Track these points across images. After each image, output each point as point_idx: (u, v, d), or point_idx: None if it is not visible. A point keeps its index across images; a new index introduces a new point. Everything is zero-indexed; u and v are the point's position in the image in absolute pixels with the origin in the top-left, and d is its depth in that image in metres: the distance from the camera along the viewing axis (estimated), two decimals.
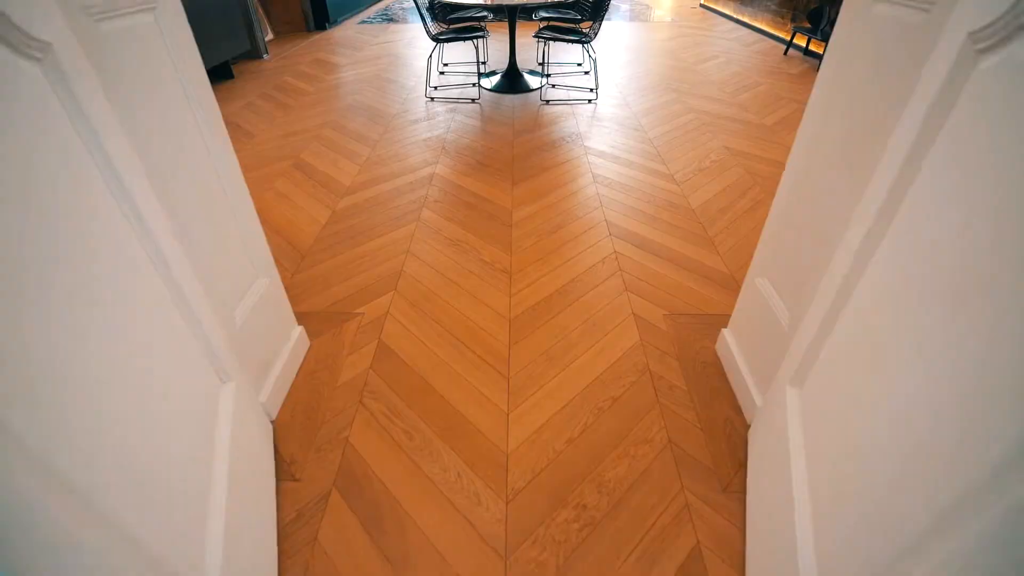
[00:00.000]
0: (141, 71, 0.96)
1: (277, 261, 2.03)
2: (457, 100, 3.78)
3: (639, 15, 7.36)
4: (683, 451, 1.31)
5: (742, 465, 1.28)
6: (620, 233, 2.19)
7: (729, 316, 1.63)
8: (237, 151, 3.12)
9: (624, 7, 8.02)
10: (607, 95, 3.90)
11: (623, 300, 1.82)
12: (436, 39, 3.59)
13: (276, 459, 1.31)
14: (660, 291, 1.86)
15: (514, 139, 3.11)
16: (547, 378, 1.53)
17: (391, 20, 7.05)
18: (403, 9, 7.83)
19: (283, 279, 1.92)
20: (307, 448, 1.33)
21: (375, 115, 3.56)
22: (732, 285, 1.89)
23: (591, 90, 3.94)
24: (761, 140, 3.10)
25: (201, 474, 0.91)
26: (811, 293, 1.04)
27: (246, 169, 2.81)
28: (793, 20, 5.45)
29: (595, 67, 3.79)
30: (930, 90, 0.71)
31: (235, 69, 4.80)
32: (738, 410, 1.42)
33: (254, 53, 5.14)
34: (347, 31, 6.40)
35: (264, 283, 1.40)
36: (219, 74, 4.53)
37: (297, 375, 1.55)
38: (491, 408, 1.44)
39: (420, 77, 4.32)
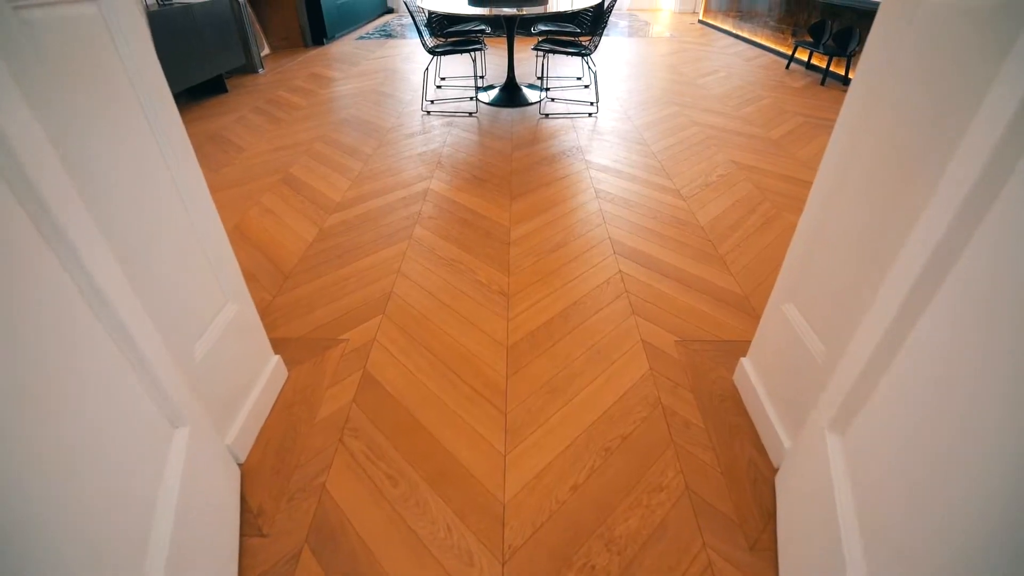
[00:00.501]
0: (79, 72, 0.83)
1: (257, 282, 1.89)
2: (454, 114, 3.69)
3: (638, 31, 7.35)
4: (703, 500, 1.16)
5: (771, 517, 1.12)
6: (625, 252, 2.06)
7: (747, 343, 1.49)
8: (225, 165, 3.02)
9: (623, 23, 8.02)
10: (608, 109, 3.81)
11: (630, 324, 1.68)
12: (433, 52, 3.51)
13: (242, 510, 1.16)
14: (670, 314, 1.72)
15: (512, 153, 3.00)
16: (548, 413, 1.38)
17: (389, 36, 7.02)
18: (402, 25, 7.81)
19: (263, 302, 1.79)
20: (278, 496, 1.18)
21: (369, 129, 3.45)
22: (747, 308, 1.75)
23: (591, 103, 3.85)
24: (768, 154, 2.99)
25: (137, 542, 0.76)
26: (851, 325, 0.90)
27: (232, 184, 2.69)
28: (794, 35, 5.41)
29: (595, 80, 3.70)
30: (1020, 84, 0.58)
31: (229, 83, 4.72)
32: (762, 450, 1.27)
33: (249, 67, 5.07)
34: (344, 46, 6.35)
35: (233, 310, 1.27)
36: (212, 88, 4.45)
37: (272, 410, 1.40)
38: (486, 449, 1.29)
39: (417, 91, 4.23)
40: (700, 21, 7.98)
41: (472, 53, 3.60)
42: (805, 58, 5.10)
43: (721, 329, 1.66)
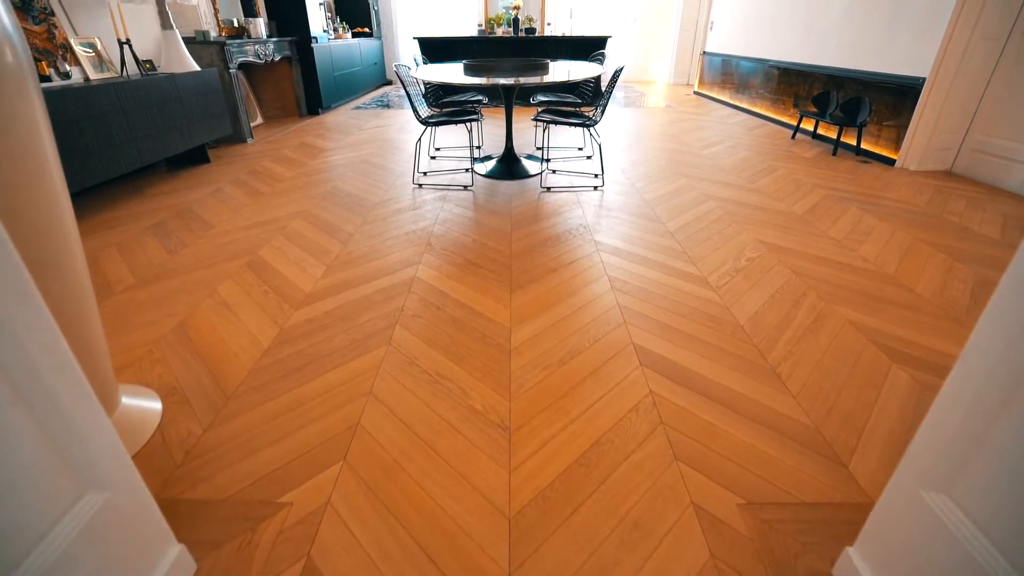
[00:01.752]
0: None
1: (188, 407, 1.47)
2: (448, 187, 3.41)
3: (633, 101, 7.36)
4: None
5: None
6: (654, 362, 1.66)
7: (836, 506, 1.07)
8: (186, 246, 2.67)
9: (618, 94, 8.08)
10: (613, 181, 3.55)
11: (674, 476, 1.25)
12: (425, 122, 3.27)
13: None
14: (723, 459, 1.30)
15: (512, 232, 2.67)
16: None
17: (387, 106, 6.98)
18: (399, 96, 7.84)
19: (189, 439, 1.35)
20: None
21: (355, 204, 3.15)
22: (823, 448, 1.33)
23: (596, 175, 3.59)
24: (797, 232, 2.68)
25: None
26: None
27: (189, 269, 2.32)
28: (796, 105, 5.32)
29: (600, 151, 3.46)
30: None
31: (215, 153, 4.50)
32: None
33: (237, 137, 4.88)
34: (340, 116, 6.26)
35: (97, 501, 0.84)
36: (194, 158, 4.21)
37: None
38: None
39: (410, 162, 3.99)
40: (696, 92, 8.05)
41: (468, 123, 3.37)
42: (811, 128, 4.97)
43: (798, 484, 1.24)
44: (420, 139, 3.53)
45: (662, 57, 9.40)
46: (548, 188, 3.34)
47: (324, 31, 6.54)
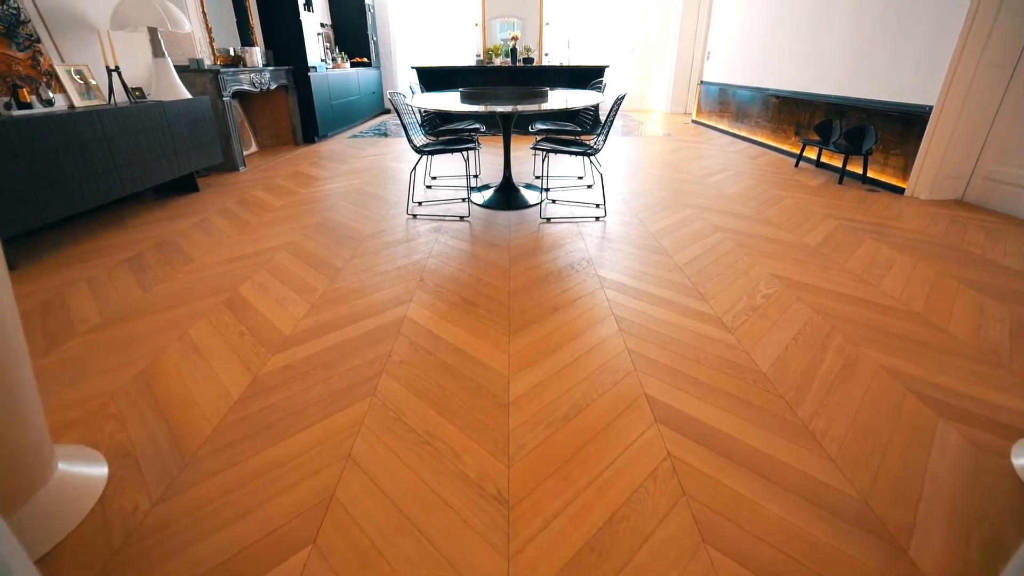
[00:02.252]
0: None
1: (138, 473, 1.28)
2: (443, 217, 3.27)
3: (632, 130, 7.33)
4: None
5: None
6: (670, 418, 1.48)
7: None
8: (162, 281, 2.48)
9: (617, 123, 8.07)
10: (615, 211, 3.41)
11: (703, 567, 1.05)
12: (420, 151, 3.15)
13: None
14: (759, 541, 1.11)
15: (510, 267, 2.51)
16: None
17: (384, 135, 6.93)
18: (397, 125, 7.81)
19: (135, 515, 1.14)
20: None
21: (345, 235, 3.00)
22: (873, 526, 1.14)
23: (597, 205, 3.46)
24: (813, 265, 2.52)
25: None
26: None
27: (162, 307, 2.15)
28: (797, 133, 5.26)
29: (602, 181, 3.34)
30: None
31: (205, 182, 4.38)
32: None
33: (229, 165, 4.77)
34: (336, 144, 6.18)
35: None
36: (182, 187, 4.09)
37: None
38: None
39: (405, 192, 3.87)
40: (694, 121, 8.05)
41: (464, 152, 3.25)
42: (814, 156, 4.89)
43: (849, 573, 1.04)
44: (415, 168, 3.40)
45: (659, 86, 9.46)
46: (548, 219, 3.20)
47: (322, 60, 6.53)
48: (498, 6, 8.82)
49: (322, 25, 7.47)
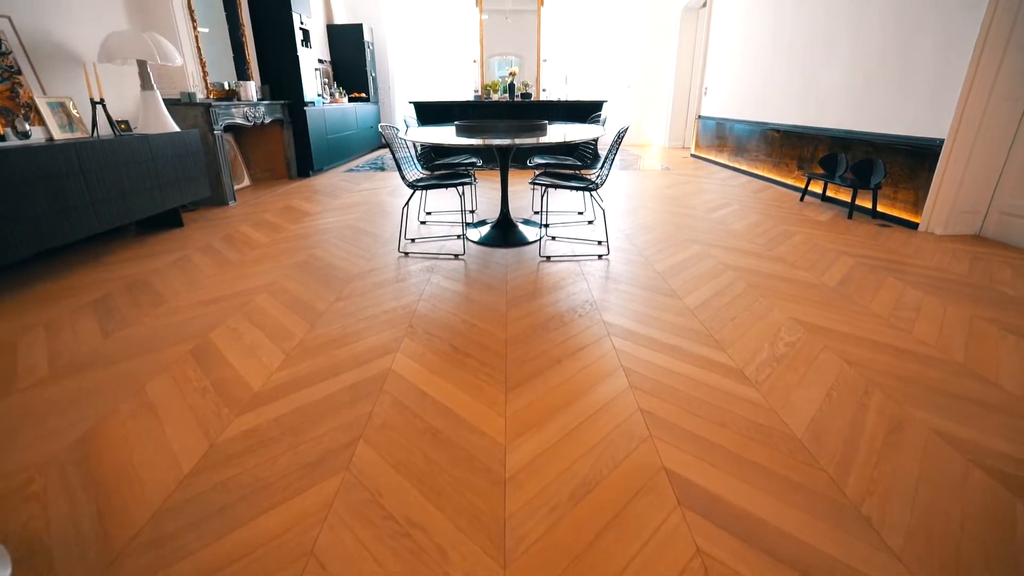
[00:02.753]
0: None
1: (47, 574, 1.03)
2: (437, 256, 3.09)
3: (631, 164, 7.27)
4: None
5: None
6: (696, 500, 1.25)
7: None
8: (127, 326, 2.25)
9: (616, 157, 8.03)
10: (618, 249, 3.24)
11: None
12: (413, 186, 3.00)
13: None
14: None
15: (507, 311, 2.31)
16: None
17: (381, 168, 6.84)
18: (403, 157, 7.74)
19: None
20: None
21: (332, 275, 2.81)
22: None
23: (599, 242, 3.29)
24: (835, 308, 2.33)
25: None
26: None
27: (121, 357, 1.93)
28: (800, 167, 5.17)
29: (604, 217, 3.17)
30: None
31: (191, 216, 4.23)
32: None
33: (218, 199, 4.63)
34: (331, 178, 6.08)
35: None
36: (166, 222, 3.92)
37: None
38: None
39: (398, 228, 3.70)
40: (693, 155, 8.01)
41: (459, 187, 3.10)
42: (819, 190, 4.77)
43: None
44: (408, 203, 3.24)
45: (657, 121, 9.50)
46: (548, 257, 3.02)
47: (319, 95, 6.50)
48: (496, 45, 8.93)
49: (320, 61, 7.50)
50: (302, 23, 5.89)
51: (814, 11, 4.91)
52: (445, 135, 3.20)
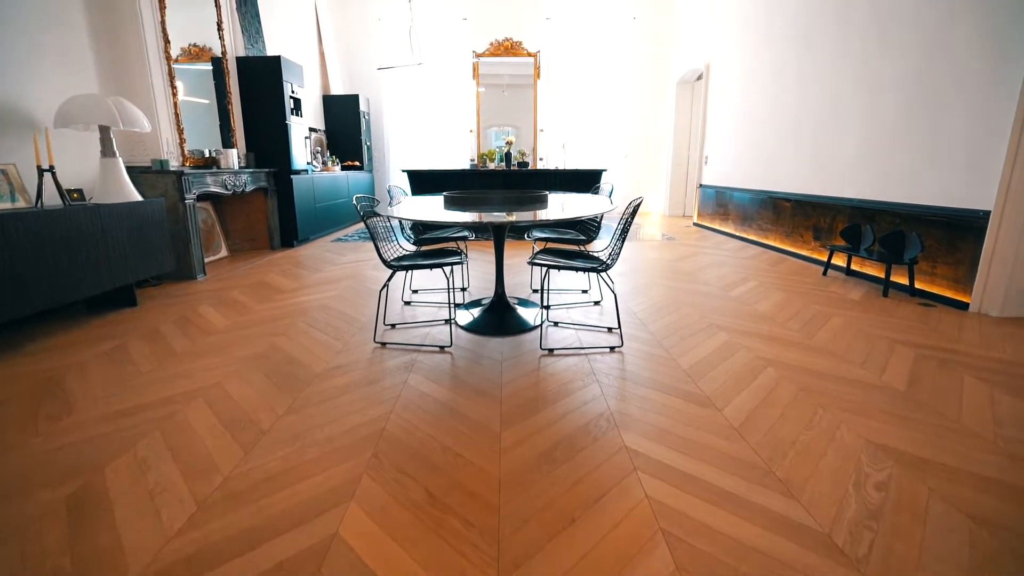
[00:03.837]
0: None
1: None
2: (419, 347, 2.61)
3: (632, 234, 6.97)
4: None
5: None
6: None
7: None
8: (9, 449, 1.59)
9: (613, 225, 7.77)
10: (633, 336, 2.77)
11: None
12: (392, 266, 2.58)
13: None
14: None
15: (502, 431, 1.80)
16: None
17: (369, 239, 6.50)
18: (386, 228, 7.44)
19: None
20: None
21: (291, 373, 2.31)
22: None
23: (610, 329, 2.83)
24: (921, 426, 1.83)
25: None
26: None
27: None
28: (817, 238, 4.83)
29: (615, 302, 2.74)
30: None
31: (152, 292, 3.78)
32: None
33: (185, 273, 4.20)
34: (315, 249, 5.71)
35: None
36: (116, 301, 3.46)
37: None
38: None
39: (382, 304, 3.24)
40: (695, 223, 7.77)
41: (448, 267, 2.67)
42: (841, 263, 4.39)
43: None
44: (388, 283, 2.80)
45: (656, 190, 9.37)
46: (550, 350, 2.54)
47: (309, 163, 6.28)
48: (493, 116, 8.95)
49: (313, 130, 7.39)
50: (293, 92, 5.75)
51: (817, 77, 4.76)
52: (433, 208, 2.82)
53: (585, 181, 6.46)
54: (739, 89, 6.41)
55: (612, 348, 2.56)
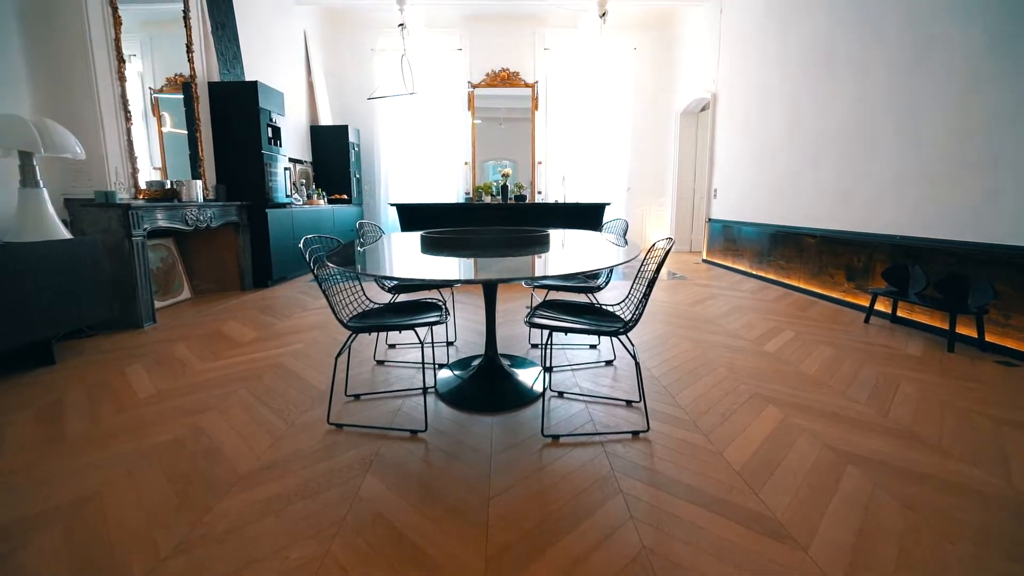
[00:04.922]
0: None
1: None
2: (386, 431, 2.01)
3: (634, 273, 6.43)
4: None
5: None
6: None
7: None
8: None
9: (618, 267, 7.25)
10: (660, 413, 2.19)
11: None
12: (350, 328, 2.01)
13: None
14: None
15: None
16: None
17: (354, 278, 5.94)
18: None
19: None
20: None
21: (204, 476, 1.71)
22: None
23: (629, 402, 2.24)
24: None
25: None
26: None
27: None
28: (850, 279, 4.29)
29: (638, 372, 2.16)
30: None
31: (77, 346, 3.19)
32: None
33: (129, 322, 3.62)
34: (290, 290, 5.15)
35: None
36: (29, 359, 2.86)
37: None
38: None
39: (343, 369, 2.65)
40: (704, 260, 7.26)
41: (425, 327, 2.10)
42: (884, 308, 3.84)
43: None
44: (348, 346, 2.22)
45: (660, 225, 8.91)
46: (556, 437, 1.94)
47: (289, 196, 5.79)
48: (490, 150, 8.56)
49: (297, 161, 6.95)
50: (272, 121, 5.31)
51: (840, 101, 4.32)
52: (408, 253, 2.28)
53: (586, 216, 5.97)
54: (750, 118, 6.01)
55: (635, 433, 1.97)
